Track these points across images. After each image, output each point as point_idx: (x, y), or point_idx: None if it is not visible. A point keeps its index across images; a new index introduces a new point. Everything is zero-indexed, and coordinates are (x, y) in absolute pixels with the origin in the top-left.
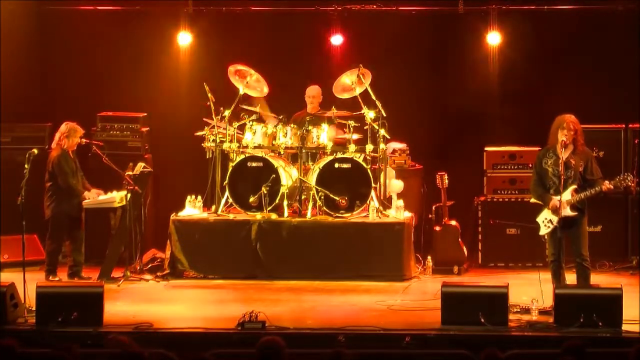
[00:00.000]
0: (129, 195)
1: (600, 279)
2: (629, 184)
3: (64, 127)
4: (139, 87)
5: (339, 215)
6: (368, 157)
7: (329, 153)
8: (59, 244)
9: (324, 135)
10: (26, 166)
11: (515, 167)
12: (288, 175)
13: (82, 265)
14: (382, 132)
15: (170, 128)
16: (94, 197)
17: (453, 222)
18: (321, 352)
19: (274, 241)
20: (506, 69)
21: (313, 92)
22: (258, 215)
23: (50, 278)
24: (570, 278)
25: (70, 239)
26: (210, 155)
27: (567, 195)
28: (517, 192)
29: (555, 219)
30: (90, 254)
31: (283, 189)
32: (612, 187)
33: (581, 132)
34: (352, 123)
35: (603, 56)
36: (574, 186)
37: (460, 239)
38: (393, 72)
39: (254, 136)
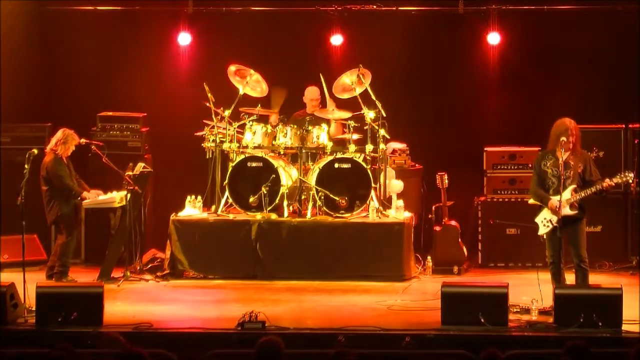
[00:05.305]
0: (129, 196)
1: (600, 279)
2: (629, 180)
3: (60, 133)
4: (139, 87)
5: (339, 215)
6: (368, 157)
7: (329, 153)
8: (72, 243)
9: (324, 135)
10: (26, 166)
11: (515, 167)
12: (288, 175)
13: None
14: (382, 132)
15: (170, 128)
16: (93, 197)
17: (453, 222)
18: (321, 352)
19: (274, 241)
20: (506, 69)
21: (311, 95)
22: (258, 215)
23: (64, 280)
24: (570, 279)
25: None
26: (210, 155)
27: (567, 194)
28: (517, 192)
29: (554, 218)
30: (90, 254)
31: (283, 189)
32: (613, 183)
33: (580, 135)
34: (352, 123)
35: (603, 56)
36: (574, 185)
37: (460, 239)
38: (393, 72)
39: (254, 136)
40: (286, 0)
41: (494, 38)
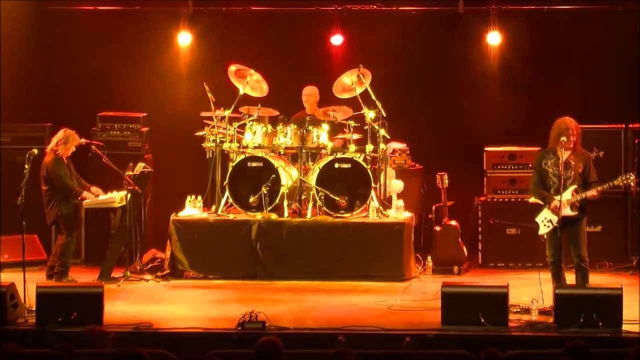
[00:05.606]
0: (129, 195)
1: (600, 279)
2: (631, 182)
3: (61, 133)
4: (139, 87)
5: (339, 215)
6: (368, 157)
7: (329, 153)
8: (72, 243)
9: (324, 135)
10: (26, 166)
11: (515, 167)
12: (288, 175)
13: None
14: (382, 132)
15: (170, 128)
16: (93, 197)
17: (453, 222)
18: (321, 352)
19: (274, 241)
20: (506, 69)
21: (308, 92)
22: (258, 215)
23: (64, 280)
24: (570, 279)
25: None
26: (210, 155)
27: (567, 194)
28: (517, 192)
29: (555, 218)
30: (90, 254)
31: (283, 189)
32: (610, 187)
33: (580, 134)
34: (352, 123)
35: (603, 56)
36: (575, 186)
37: (460, 239)
38: (393, 72)
39: (254, 136)
40: (286, 0)
41: (494, 38)
